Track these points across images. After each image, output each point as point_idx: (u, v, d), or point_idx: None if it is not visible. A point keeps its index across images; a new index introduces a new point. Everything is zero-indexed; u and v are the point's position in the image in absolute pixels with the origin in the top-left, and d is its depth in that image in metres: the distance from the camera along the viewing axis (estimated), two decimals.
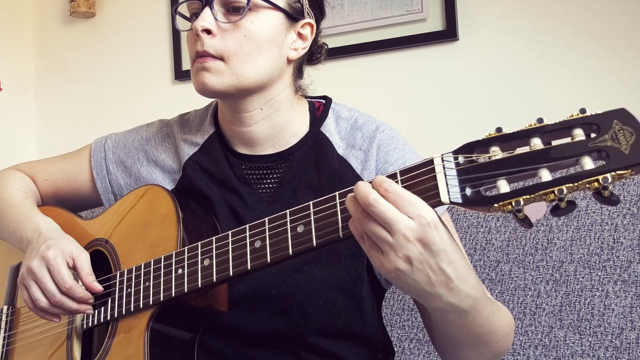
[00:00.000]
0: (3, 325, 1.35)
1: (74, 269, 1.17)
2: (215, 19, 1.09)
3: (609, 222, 1.50)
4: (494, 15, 1.95)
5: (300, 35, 1.17)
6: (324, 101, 1.27)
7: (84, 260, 1.17)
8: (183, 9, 1.18)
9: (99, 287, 1.16)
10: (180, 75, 2.36)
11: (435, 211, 0.85)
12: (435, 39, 2.01)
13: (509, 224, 1.60)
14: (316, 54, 1.27)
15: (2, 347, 1.33)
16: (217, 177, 1.21)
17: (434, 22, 2.01)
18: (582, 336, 1.47)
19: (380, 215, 0.82)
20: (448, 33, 1.99)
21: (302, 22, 1.17)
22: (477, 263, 1.60)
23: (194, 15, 1.14)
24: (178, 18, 1.20)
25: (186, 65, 2.35)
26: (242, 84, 1.12)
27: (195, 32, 1.10)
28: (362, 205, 0.84)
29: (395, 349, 1.61)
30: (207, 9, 1.09)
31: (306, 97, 1.28)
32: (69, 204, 1.40)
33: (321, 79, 2.02)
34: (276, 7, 1.12)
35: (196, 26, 1.08)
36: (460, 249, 1.14)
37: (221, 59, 1.10)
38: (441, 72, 2.01)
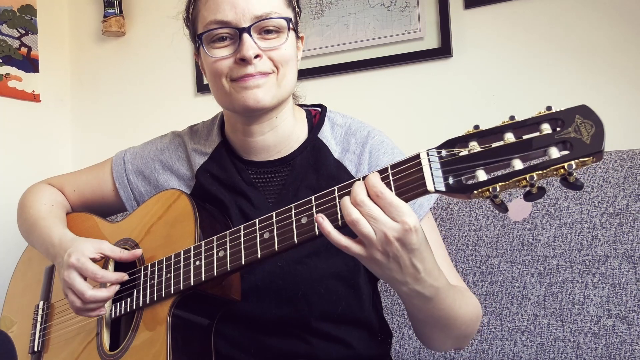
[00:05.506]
0: (39, 319, 1.37)
1: (104, 258, 1.20)
2: (255, 43, 1.10)
3: (588, 220, 1.51)
4: (485, 35, 1.96)
5: (298, 47, 1.20)
6: (319, 109, 1.29)
7: (108, 246, 1.20)
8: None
9: (138, 252, 1.20)
10: (202, 88, 2.37)
11: (416, 217, 0.88)
12: (432, 55, 2.01)
13: (497, 223, 1.61)
14: None
15: (39, 338, 1.35)
16: (227, 182, 1.22)
17: (431, 41, 2.02)
18: (563, 323, 1.47)
19: (367, 214, 0.87)
20: (443, 50, 1.99)
21: (300, 36, 1.21)
22: (469, 258, 1.61)
23: (219, 40, 1.12)
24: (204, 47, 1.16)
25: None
26: (283, 96, 1.15)
27: (241, 59, 1.09)
28: (352, 202, 0.88)
29: (395, 334, 1.63)
30: (247, 37, 1.09)
31: (301, 105, 1.30)
32: (97, 210, 1.42)
33: (329, 91, 2.05)
34: (293, 28, 1.15)
35: (248, 55, 1.08)
36: (435, 245, 1.17)
37: (272, 72, 1.12)
38: (436, 85, 2.02)
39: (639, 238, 1.45)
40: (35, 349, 1.34)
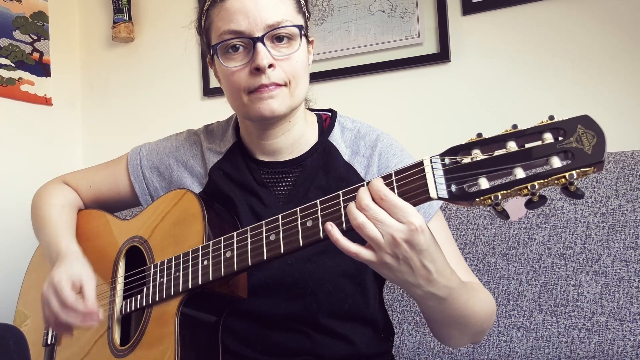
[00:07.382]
0: None
1: (80, 293, 1.16)
2: (268, 51, 1.08)
3: (581, 220, 1.50)
4: (482, 41, 1.95)
5: (309, 51, 1.19)
6: (330, 114, 1.28)
7: (90, 288, 1.17)
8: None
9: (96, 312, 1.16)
10: (208, 92, 2.37)
11: (422, 217, 0.86)
12: (430, 60, 2.01)
13: (494, 222, 1.61)
14: None
15: (52, 332, 1.34)
16: (239, 181, 1.22)
17: (429, 46, 2.01)
18: (558, 320, 1.47)
19: (373, 217, 0.85)
20: (441, 56, 1.99)
21: (311, 40, 1.20)
22: (467, 256, 1.60)
23: (233, 49, 1.11)
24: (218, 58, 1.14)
25: (213, 83, 2.35)
26: (295, 104, 1.14)
27: (255, 68, 1.08)
28: (357, 207, 0.87)
29: (395, 330, 1.62)
30: (261, 46, 1.07)
31: (312, 110, 1.30)
32: (111, 205, 1.42)
33: (330, 95, 2.05)
34: (305, 35, 1.14)
35: (263, 64, 1.06)
36: (446, 241, 1.15)
37: (285, 85, 1.10)
38: (435, 89, 2.02)
39: (631, 237, 1.44)
40: (49, 342, 1.34)
